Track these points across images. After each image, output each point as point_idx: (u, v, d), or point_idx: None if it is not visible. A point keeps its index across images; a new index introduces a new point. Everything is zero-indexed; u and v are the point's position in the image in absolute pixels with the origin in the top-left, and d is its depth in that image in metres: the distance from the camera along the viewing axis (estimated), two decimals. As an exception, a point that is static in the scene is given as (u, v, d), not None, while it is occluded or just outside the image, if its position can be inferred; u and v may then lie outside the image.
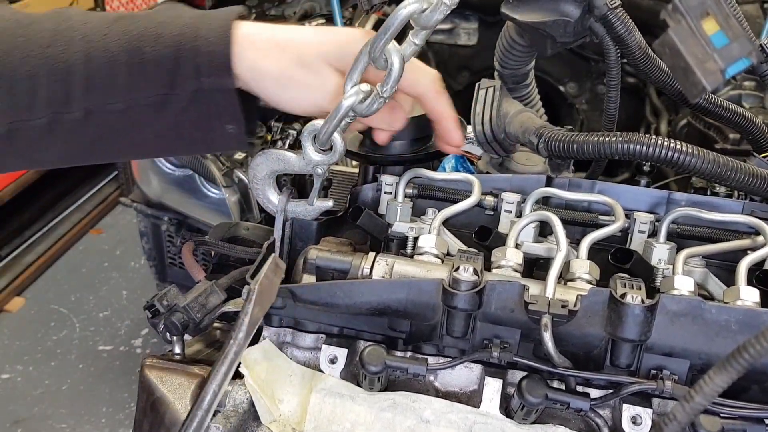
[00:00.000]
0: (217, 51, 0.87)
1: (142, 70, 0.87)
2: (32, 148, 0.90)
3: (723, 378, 0.65)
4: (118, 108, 0.88)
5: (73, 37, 0.87)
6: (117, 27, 0.88)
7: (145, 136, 0.92)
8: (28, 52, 0.85)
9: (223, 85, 0.88)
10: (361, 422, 0.87)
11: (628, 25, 1.06)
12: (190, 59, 0.87)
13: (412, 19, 0.85)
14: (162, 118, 0.90)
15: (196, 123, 0.91)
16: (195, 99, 0.89)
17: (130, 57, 0.87)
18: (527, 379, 0.84)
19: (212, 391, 0.71)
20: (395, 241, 1.05)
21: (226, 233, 1.18)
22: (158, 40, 0.87)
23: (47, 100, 0.86)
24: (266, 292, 0.77)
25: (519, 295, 0.87)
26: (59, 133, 0.88)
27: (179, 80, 0.88)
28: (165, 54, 0.87)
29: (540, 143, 1.07)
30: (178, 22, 0.89)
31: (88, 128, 0.89)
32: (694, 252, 0.97)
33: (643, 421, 0.85)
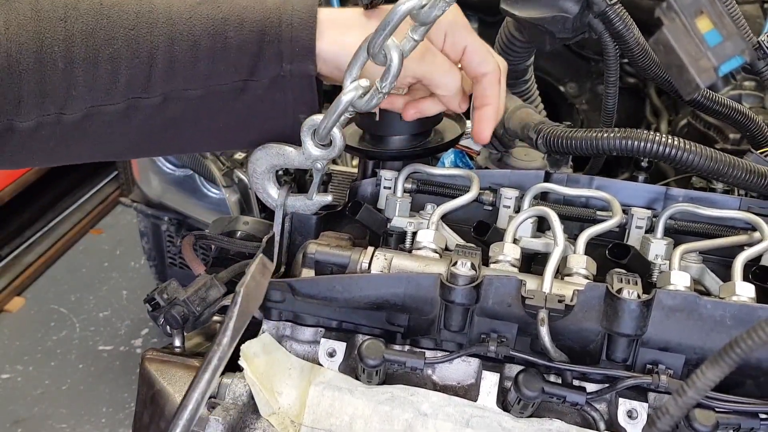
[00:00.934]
0: (301, 36, 0.87)
1: (225, 56, 0.86)
2: (105, 135, 0.89)
3: (715, 372, 0.65)
4: (197, 94, 0.88)
5: (157, 20, 0.85)
6: (201, 10, 0.87)
7: (218, 124, 0.92)
8: (112, 33, 0.84)
9: (304, 70, 0.88)
10: (360, 415, 0.87)
11: (627, 22, 1.06)
12: (273, 45, 0.87)
13: (411, 15, 0.86)
14: (238, 104, 0.90)
15: (271, 110, 0.92)
16: (273, 85, 0.89)
17: (213, 41, 0.86)
18: (524, 373, 0.85)
19: (195, 399, 0.69)
20: (394, 235, 1.05)
21: (225, 227, 1.19)
22: (242, 25, 0.86)
23: (127, 84, 0.85)
24: (253, 295, 0.75)
25: (516, 290, 0.87)
26: (134, 119, 0.88)
27: (260, 66, 0.87)
28: (249, 39, 0.86)
29: (539, 139, 1.08)
30: (261, 6, 0.88)
31: (163, 114, 0.88)
32: (691, 248, 0.98)
33: (638, 415, 0.86)
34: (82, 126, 0.87)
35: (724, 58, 0.82)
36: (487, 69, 0.97)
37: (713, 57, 0.82)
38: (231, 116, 0.92)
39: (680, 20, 0.83)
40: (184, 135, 0.93)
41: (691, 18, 0.82)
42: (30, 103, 0.83)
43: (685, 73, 0.83)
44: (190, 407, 0.69)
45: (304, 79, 0.90)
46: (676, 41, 0.83)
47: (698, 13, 0.82)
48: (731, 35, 0.82)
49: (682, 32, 0.83)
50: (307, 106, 0.92)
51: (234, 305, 0.73)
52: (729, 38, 0.82)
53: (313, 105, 0.92)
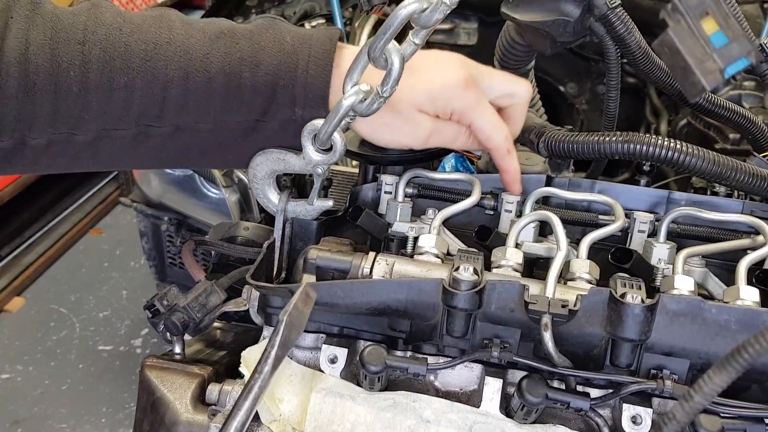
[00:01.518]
0: (315, 84, 0.88)
1: (239, 96, 0.87)
2: (116, 156, 0.90)
3: (722, 377, 0.65)
4: (207, 128, 0.88)
5: (174, 53, 0.86)
6: (218, 47, 0.87)
7: (227, 156, 0.93)
8: (128, 63, 0.84)
9: (315, 116, 0.89)
10: (362, 422, 0.87)
11: (628, 25, 1.06)
12: (287, 89, 0.87)
13: (412, 19, 0.85)
14: (248, 142, 0.91)
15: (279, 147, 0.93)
16: (284, 128, 0.90)
17: (228, 80, 0.86)
18: (527, 379, 0.84)
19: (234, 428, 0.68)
20: (395, 240, 1.05)
21: (225, 233, 1.18)
22: (258, 68, 0.87)
23: (140, 113, 0.86)
24: (295, 324, 0.73)
25: (519, 295, 0.87)
26: (144, 144, 0.88)
27: (272, 109, 0.88)
28: (263, 82, 0.87)
29: (540, 143, 1.07)
30: (279, 48, 0.88)
31: (174, 143, 0.89)
32: (694, 251, 0.97)
33: (643, 421, 0.85)
34: (93, 146, 0.88)
35: (730, 59, 0.81)
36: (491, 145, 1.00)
37: (719, 59, 0.81)
38: (240, 152, 0.93)
39: (685, 22, 0.82)
40: (192, 162, 0.95)
41: (697, 19, 0.82)
42: (43, 123, 0.84)
43: (691, 75, 0.82)
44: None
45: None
46: (682, 43, 0.82)
47: (704, 15, 0.82)
48: (737, 37, 0.81)
49: (688, 34, 0.82)
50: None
51: (276, 334, 0.71)
52: (735, 40, 0.81)
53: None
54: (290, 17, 2.39)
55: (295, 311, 0.73)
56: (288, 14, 2.41)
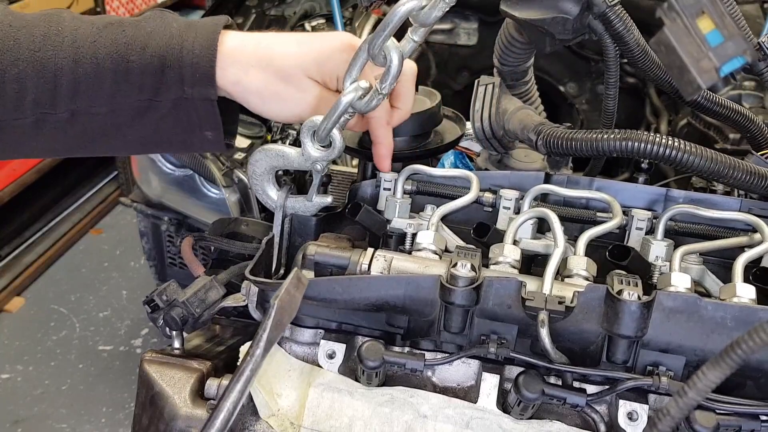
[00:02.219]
0: (201, 63, 0.90)
1: (128, 78, 0.90)
2: (19, 143, 0.93)
3: (716, 374, 0.65)
4: (102, 111, 0.91)
5: (62, 43, 0.89)
6: (105, 34, 0.90)
7: (127, 136, 0.95)
8: (18, 55, 0.88)
9: (205, 94, 0.92)
10: (359, 417, 0.87)
11: (627, 23, 1.06)
12: (175, 69, 0.90)
13: (411, 17, 0.86)
14: (144, 122, 0.93)
15: (176, 128, 0.95)
16: (177, 106, 0.92)
17: (116, 65, 0.89)
18: (524, 375, 0.85)
19: (226, 409, 0.68)
20: (394, 237, 1.05)
21: (225, 229, 1.19)
22: (145, 50, 0.90)
23: (34, 101, 0.89)
24: (287, 308, 0.75)
25: (516, 292, 0.87)
26: (45, 131, 0.91)
27: (163, 88, 0.91)
28: (150, 63, 0.90)
29: (539, 140, 1.08)
30: (165, 32, 0.91)
31: (73, 128, 0.92)
32: (691, 249, 0.98)
33: (639, 417, 0.86)
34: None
35: (725, 58, 0.82)
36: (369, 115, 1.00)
37: (715, 57, 0.81)
38: (140, 131, 0.95)
39: (681, 21, 0.82)
40: (95, 145, 0.97)
41: (693, 18, 0.82)
42: None
43: (687, 74, 0.83)
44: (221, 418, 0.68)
45: (206, 102, 0.92)
46: (678, 42, 0.82)
47: (700, 14, 0.82)
48: (733, 36, 0.81)
49: (684, 33, 0.82)
50: (212, 126, 0.95)
51: (268, 317, 0.72)
52: (730, 39, 0.81)
53: (217, 125, 0.95)
54: (290, 17, 2.40)
55: (286, 295, 0.74)
56: (288, 14, 2.41)
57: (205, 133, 0.96)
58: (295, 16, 2.39)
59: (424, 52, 2.61)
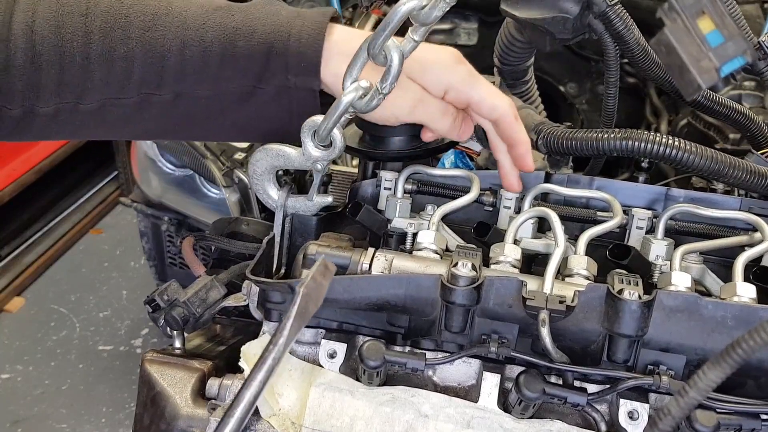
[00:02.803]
0: (307, 53, 0.90)
1: (234, 63, 0.90)
2: (122, 123, 0.94)
3: (717, 373, 0.65)
4: (206, 94, 0.92)
5: (171, 24, 0.89)
6: (214, 18, 0.90)
7: (227, 121, 0.96)
8: (129, 33, 0.88)
9: (308, 84, 0.92)
10: (360, 416, 0.87)
11: (627, 22, 1.06)
12: (280, 57, 0.90)
13: (411, 16, 0.86)
14: (246, 107, 0.93)
15: (277, 116, 0.95)
16: (279, 94, 0.92)
17: (223, 49, 0.90)
18: (525, 374, 0.85)
19: (248, 399, 0.66)
20: (394, 236, 1.05)
21: (226, 229, 1.19)
22: (252, 36, 0.90)
23: (140, 81, 0.89)
24: (313, 296, 0.71)
25: (517, 291, 0.87)
26: (148, 111, 0.92)
27: (267, 75, 0.91)
28: (257, 50, 0.90)
29: (539, 140, 1.08)
30: (273, 19, 0.91)
31: (176, 109, 0.92)
32: (692, 248, 0.98)
33: (639, 416, 0.86)
34: (98, 114, 0.91)
35: (725, 58, 0.82)
36: (496, 114, 0.98)
37: (715, 58, 0.82)
38: (240, 116, 0.95)
39: (682, 21, 0.83)
40: (195, 128, 0.98)
41: (693, 18, 0.82)
42: (49, 92, 0.88)
43: (687, 74, 0.83)
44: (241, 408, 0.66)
45: (308, 92, 0.93)
46: (678, 42, 0.83)
47: (700, 14, 0.82)
48: (733, 36, 0.82)
49: (684, 33, 0.82)
50: (312, 115, 0.95)
51: (293, 305, 0.69)
52: (731, 39, 0.82)
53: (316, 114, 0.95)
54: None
55: (312, 283, 0.71)
56: (288, 14, 2.41)
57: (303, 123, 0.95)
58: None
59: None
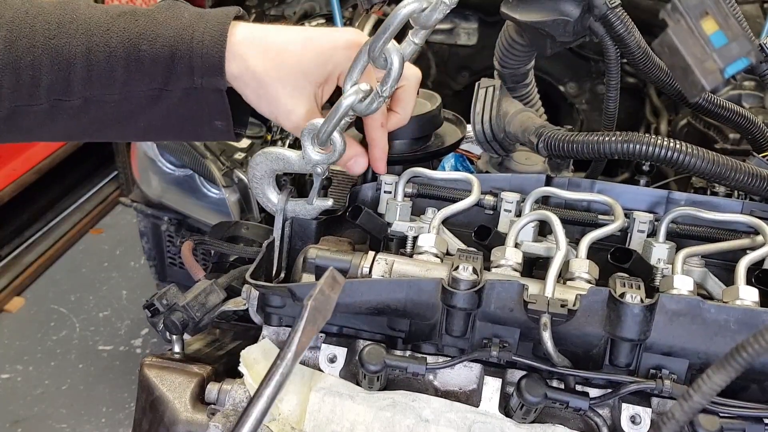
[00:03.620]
0: (210, 54, 0.91)
1: (139, 67, 0.91)
2: (35, 128, 0.94)
3: (721, 377, 0.65)
4: (114, 99, 0.92)
5: (76, 31, 0.90)
6: (119, 23, 0.91)
7: (138, 123, 0.97)
8: (34, 42, 0.89)
9: (214, 85, 0.92)
10: (361, 421, 0.87)
11: (628, 25, 1.06)
12: (185, 59, 0.91)
13: (412, 19, 0.86)
14: (155, 109, 0.94)
15: (187, 117, 0.96)
16: (187, 96, 0.93)
17: (128, 53, 0.90)
18: (526, 379, 0.84)
19: (255, 416, 0.64)
20: (395, 240, 1.05)
21: (225, 232, 1.18)
22: (156, 40, 0.91)
23: (49, 88, 0.90)
24: (321, 309, 0.70)
25: (518, 295, 0.87)
26: (59, 117, 0.93)
27: (173, 78, 0.92)
28: (162, 53, 0.91)
29: (540, 143, 1.07)
30: (176, 23, 0.92)
31: (87, 114, 0.93)
32: (694, 251, 0.97)
33: (642, 421, 0.85)
34: (10, 121, 0.92)
35: (729, 59, 0.81)
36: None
37: (719, 59, 0.81)
38: (151, 119, 0.96)
39: (685, 22, 0.82)
40: (108, 130, 0.99)
41: (696, 19, 0.82)
42: None
43: (690, 75, 0.82)
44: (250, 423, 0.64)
45: (215, 92, 0.93)
46: (681, 43, 0.82)
47: (703, 15, 0.82)
48: (737, 37, 0.81)
49: (688, 34, 0.82)
50: (222, 116, 0.96)
51: (300, 319, 0.67)
52: (735, 40, 0.81)
53: (226, 115, 0.96)
54: (290, 17, 2.39)
55: (320, 295, 0.69)
56: (288, 14, 2.41)
57: (215, 123, 0.96)
58: (295, 16, 2.38)
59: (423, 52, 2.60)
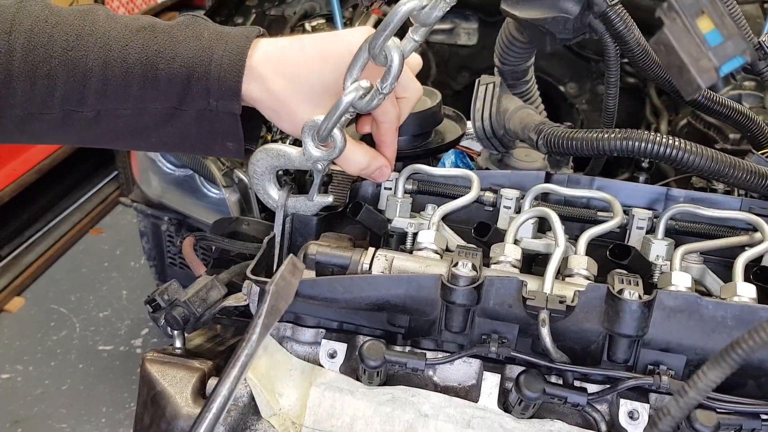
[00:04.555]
0: (228, 78, 0.90)
1: (155, 85, 0.91)
2: (47, 134, 0.95)
3: (717, 373, 0.65)
4: (128, 113, 0.92)
5: (94, 44, 0.90)
6: (137, 39, 0.91)
7: (150, 138, 0.97)
8: (51, 52, 0.89)
9: (229, 108, 0.92)
10: (361, 416, 0.87)
11: (627, 22, 1.06)
12: (202, 81, 0.90)
13: (412, 16, 0.86)
14: (168, 127, 0.94)
15: (199, 137, 0.96)
16: (201, 117, 0.93)
17: (145, 71, 0.90)
18: (525, 374, 0.85)
19: (223, 395, 0.70)
20: (395, 236, 1.05)
21: (226, 228, 1.19)
22: (174, 60, 0.90)
23: (63, 98, 0.90)
24: (282, 294, 0.76)
25: (517, 291, 0.87)
26: (71, 127, 0.93)
27: (188, 99, 0.91)
28: (178, 73, 0.90)
29: (539, 140, 1.08)
30: (195, 43, 0.91)
31: (99, 126, 0.93)
32: (692, 248, 0.98)
33: (639, 416, 0.86)
34: (21, 127, 0.92)
35: (725, 58, 0.82)
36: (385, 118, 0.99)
37: (714, 57, 0.82)
38: (163, 135, 0.96)
39: (681, 20, 0.83)
40: (119, 142, 0.99)
41: (692, 18, 0.82)
42: None
43: (686, 74, 0.83)
44: (217, 404, 0.69)
45: (230, 116, 0.93)
46: (677, 42, 0.83)
47: (699, 14, 0.82)
48: (732, 35, 0.82)
49: (683, 32, 0.82)
50: (234, 138, 0.96)
51: (263, 303, 0.74)
52: (730, 38, 0.82)
53: (239, 137, 0.96)
54: (290, 17, 2.39)
55: (281, 281, 0.75)
56: (288, 14, 2.41)
57: (227, 144, 0.97)
58: (295, 16, 2.39)
59: (424, 51, 2.61)
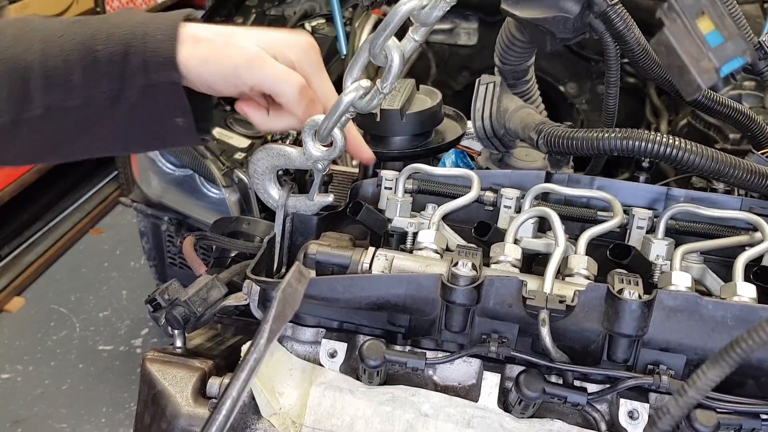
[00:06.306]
0: (163, 47, 0.92)
1: (95, 67, 0.92)
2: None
3: (716, 372, 0.65)
4: (76, 104, 0.93)
5: (32, 39, 0.92)
6: (72, 28, 0.93)
7: (102, 130, 0.97)
8: None
9: (169, 78, 0.93)
10: (361, 416, 0.87)
11: (628, 22, 1.06)
12: (138, 55, 0.91)
13: (412, 16, 0.86)
14: (117, 111, 0.94)
15: (148, 116, 0.96)
16: (145, 93, 0.93)
17: (83, 55, 0.91)
18: (525, 374, 0.85)
19: (232, 398, 0.70)
20: (395, 236, 1.05)
21: (227, 228, 1.19)
22: (109, 39, 0.92)
23: (8, 99, 0.91)
24: (289, 300, 0.77)
25: (517, 291, 0.87)
26: (22, 130, 0.93)
27: (129, 75, 0.92)
28: (115, 51, 0.91)
29: (540, 139, 1.08)
30: (128, 23, 0.93)
31: (49, 124, 0.94)
32: (692, 248, 0.98)
33: (639, 416, 0.86)
34: None
35: (725, 59, 0.82)
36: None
37: (714, 58, 0.82)
38: (113, 123, 0.96)
39: (681, 21, 0.83)
40: (74, 141, 0.99)
41: (693, 19, 0.82)
42: None
43: (687, 74, 0.83)
44: (225, 408, 0.69)
45: (171, 86, 0.93)
46: (678, 42, 0.83)
47: (699, 14, 0.82)
48: (732, 36, 0.82)
49: (684, 33, 0.83)
50: (180, 111, 0.96)
51: (270, 309, 0.74)
52: (730, 39, 0.82)
53: (185, 110, 0.96)
54: (290, 17, 2.40)
55: (288, 288, 0.76)
56: (288, 14, 2.41)
57: (176, 120, 0.96)
58: (295, 16, 2.39)
59: (424, 51, 2.61)
